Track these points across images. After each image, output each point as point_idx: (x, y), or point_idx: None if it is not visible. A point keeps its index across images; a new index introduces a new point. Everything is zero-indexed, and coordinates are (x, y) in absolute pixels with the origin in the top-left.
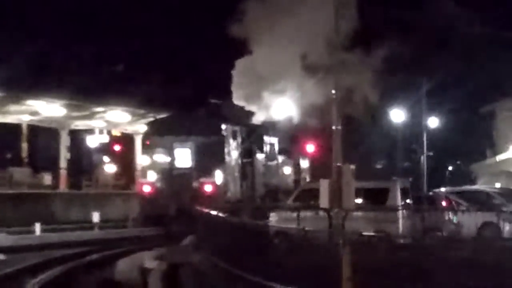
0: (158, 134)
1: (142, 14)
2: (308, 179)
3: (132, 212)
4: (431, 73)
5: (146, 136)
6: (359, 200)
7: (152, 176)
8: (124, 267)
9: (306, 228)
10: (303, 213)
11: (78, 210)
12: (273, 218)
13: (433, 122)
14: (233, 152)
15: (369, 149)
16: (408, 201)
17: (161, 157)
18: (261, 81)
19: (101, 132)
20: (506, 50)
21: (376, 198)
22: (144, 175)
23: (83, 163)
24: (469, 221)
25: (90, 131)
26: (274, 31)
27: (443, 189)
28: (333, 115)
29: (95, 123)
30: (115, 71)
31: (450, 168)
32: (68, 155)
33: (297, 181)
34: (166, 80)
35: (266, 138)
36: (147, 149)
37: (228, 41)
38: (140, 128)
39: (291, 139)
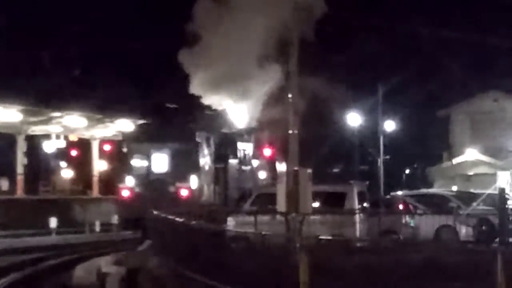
0: (135, 141)
1: (98, 17)
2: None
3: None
4: (387, 77)
5: (123, 142)
6: (316, 204)
7: (130, 181)
8: (82, 272)
9: (263, 232)
10: (260, 218)
11: (35, 215)
12: (231, 222)
13: (389, 125)
14: (207, 158)
15: (326, 152)
16: (365, 204)
17: (138, 163)
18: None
19: (58, 137)
20: (462, 53)
21: (334, 202)
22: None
23: (40, 169)
24: (426, 224)
25: (47, 136)
26: (228, 29)
27: (400, 193)
28: (289, 118)
29: (52, 128)
30: (72, 75)
31: (407, 171)
32: (25, 161)
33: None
34: (123, 84)
35: (240, 144)
36: (125, 155)
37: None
38: (96, 133)
39: (255, 143)
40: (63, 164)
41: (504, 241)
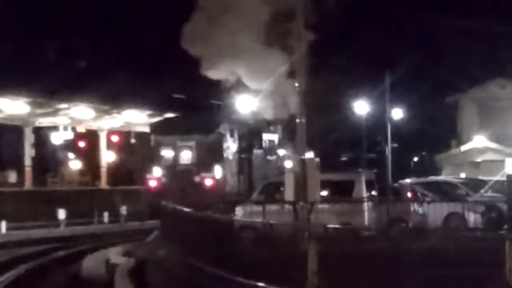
0: (162, 133)
1: (104, 9)
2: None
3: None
4: (395, 64)
5: (151, 135)
6: (324, 193)
7: (157, 171)
8: (91, 263)
9: (272, 222)
10: (268, 207)
11: (44, 207)
12: (239, 212)
13: (397, 113)
14: (231, 148)
15: (334, 141)
16: (373, 192)
17: (166, 154)
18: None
19: (65, 128)
20: (470, 40)
21: (342, 190)
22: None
23: (48, 160)
24: (434, 212)
25: (55, 128)
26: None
27: (408, 180)
28: (298, 107)
29: (60, 120)
30: (79, 67)
31: (415, 159)
32: (33, 153)
33: None
34: (131, 76)
35: (265, 135)
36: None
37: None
38: (104, 124)
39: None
40: (71, 155)
41: None
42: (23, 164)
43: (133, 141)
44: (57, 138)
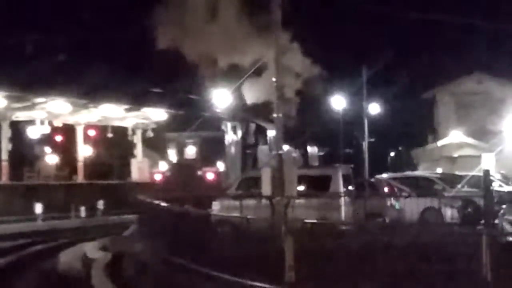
0: (167, 130)
1: (81, 2)
2: None
3: None
4: (371, 59)
5: (157, 132)
6: (301, 188)
7: (163, 166)
8: (67, 258)
9: (249, 217)
10: (245, 202)
11: (20, 201)
12: (216, 206)
13: (374, 108)
14: (233, 144)
15: (311, 136)
16: (350, 187)
17: (170, 149)
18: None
19: (42, 123)
20: (447, 35)
21: (319, 185)
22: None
23: (25, 155)
24: (411, 207)
25: (32, 122)
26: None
27: (385, 175)
28: (274, 102)
29: (37, 114)
30: (56, 61)
31: (391, 154)
32: (9, 147)
33: None
34: (108, 70)
35: (269, 131)
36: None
37: None
38: (81, 118)
39: None
40: (47, 149)
41: (489, 223)
42: (0, 158)
43: (110, 135)
44: (34, 133)
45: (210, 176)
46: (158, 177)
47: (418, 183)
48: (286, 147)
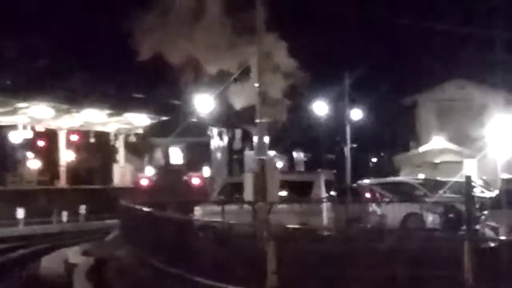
0: (154, 135)
1: (64, 7)
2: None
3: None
4: (353, 65)
5: (143, 137)
6: (283, 193)
7: (149, 171)
8: (49, 263)
9: (231, 222)
10: (227, 207)
11: (2, 206)
12: (198, 212)
13: (356, 114)
14: (219, 150)
15: (294, 141)
16: (332, 193)
17: (157, 155)
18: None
19: (24, 128)
20: (428, 41)
21: (301, 191)
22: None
23: (7, 160)
24: (392, 212)
25: (14, 127)
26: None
27: (367, 181)
28: (257, 108)
29: (19, 119)
30: (39, 66)
31: (373, 159)
32: None
33: None
34: (90, 75)
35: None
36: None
37: None
38: (63, 123)
39: None
40: (30, 154)
41: (471, 228)
42: None
43: (92, 140)
44: (16, 137)
45: (195, 181)
46: (144, 182)
47: (400, 188)
48: (272, 153)
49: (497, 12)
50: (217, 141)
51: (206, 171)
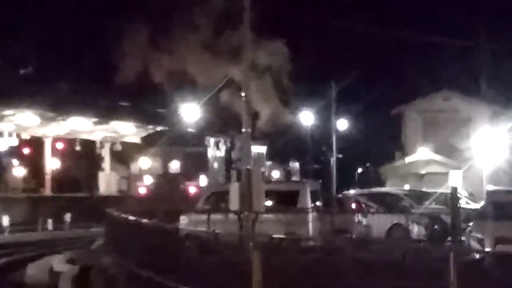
0: (152, 145)
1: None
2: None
3: None
4: (340, 76)
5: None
6: (269, 203)
7: (147, 179)
8: (34, 270)
9: (216, 231)
10: (213, 216)
11: None
12: (183, 221)
13: (342, 124)
14: (217, 160)
15: (279, 151)
16: (318, 203)
17: (155, 164)
18: None
19: (10, 135)
20: (415, 53)
21: (287, 201)
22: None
23: None
24: (378, 223)
25: None
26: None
27: (352, 191)
28: (243, 117)
29: (4, 126)
30: (25, 73)
31: (359, 170)
32: None
33: None
34: (76, 83)
35: (254, 147)
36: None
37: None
38: (49, 131)
39: None
40: (15, 162)
41: (456, 240)
42: None
43: (78, 148)
44: (1, 145)
45: (192, 190)
46: (142, 190)
47: (386, 199)
48: (268, 163)
49: (483, 25)
50: (214, 150)
51: (203, 180)
